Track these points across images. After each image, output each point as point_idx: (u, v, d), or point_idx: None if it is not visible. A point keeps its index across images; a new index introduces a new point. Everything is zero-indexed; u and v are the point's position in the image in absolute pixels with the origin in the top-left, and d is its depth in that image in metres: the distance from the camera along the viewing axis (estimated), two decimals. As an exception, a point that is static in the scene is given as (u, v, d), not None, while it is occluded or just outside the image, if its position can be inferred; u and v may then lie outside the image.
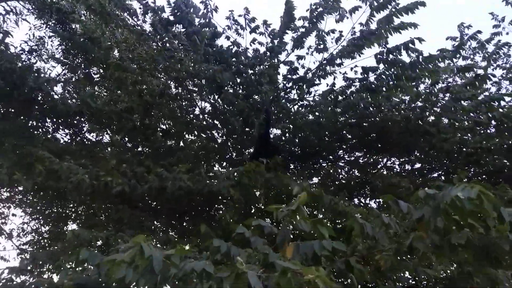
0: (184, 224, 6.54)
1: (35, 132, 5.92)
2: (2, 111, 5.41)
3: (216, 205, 6.52)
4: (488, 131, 6.09)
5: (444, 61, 5.61)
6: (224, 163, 7.63)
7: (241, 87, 6.65)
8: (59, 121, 5.91)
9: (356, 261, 2.70)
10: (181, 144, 7.16)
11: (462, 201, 1.77)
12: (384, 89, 6.19)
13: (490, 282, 2.78)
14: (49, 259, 3.61)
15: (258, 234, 2.26)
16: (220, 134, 7.50)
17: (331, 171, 7.59)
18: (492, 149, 5.90)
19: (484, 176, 6.17)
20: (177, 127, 6.63)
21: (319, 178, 7.84)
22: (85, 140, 6.43)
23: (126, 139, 6.51)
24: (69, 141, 6.30)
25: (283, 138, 7.19)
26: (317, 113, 6.90)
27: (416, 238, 2.18)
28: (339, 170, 7.59)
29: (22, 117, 5.43)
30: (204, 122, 7.16)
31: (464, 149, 6.01)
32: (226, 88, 6.26)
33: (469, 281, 3.20)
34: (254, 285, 1.53)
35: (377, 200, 6.83)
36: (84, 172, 3.91)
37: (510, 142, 6.00)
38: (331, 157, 7.62)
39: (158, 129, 6.39)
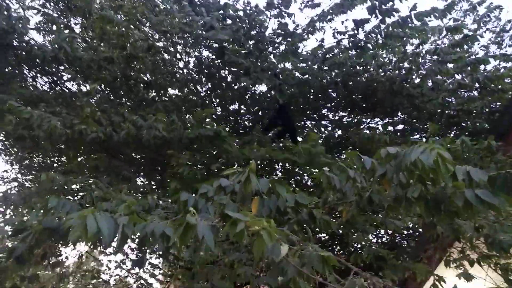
0: (168, 172, 6.58)
1: (12, 79, 5.76)
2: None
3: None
4: (471, 93, 6.10)
5: (432, 16, 5.50)
6: (208, 119, 7.60)
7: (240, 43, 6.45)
8: (37, 68, 5.74)
9: (322, 212, 2.77)
10: (166, 96, 7.08)
11: (422, 162, 1.80)
12: (372, 46, 6.11)
13: (453, 231, 2.87)
14: (21, 201, 3.61)
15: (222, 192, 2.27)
16: (204, 89, 7.41)
17: (315, 129, 7.61)
18: (473, 112, 5.96)
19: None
20: (160, 80, 6.51)
21: (303, 136, 7.88)
22: (64, 89, 6.29)
23: (108, 90, 6.40)
24: (48, 89, 6.15)
25: (269, 95, 7.13)
26: (304, 69, 6.81)
27: (375, 191, 2.23)
28: (322, 129, 7.60)
29: (-3, 63, 5.26)
30: (189, 76, 7.04)
31: (446, 111, 6.04)
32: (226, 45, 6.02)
33: (433, 231, 3.31)
34: (204, 235, 1.54)
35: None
36: (57, 120, 3.83)
37: (492, 105, 6.05)
38: (315, 115, 7.63)
39: (139, 80, 6.25)
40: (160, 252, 4.73)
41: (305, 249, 1.86)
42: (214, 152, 5.86)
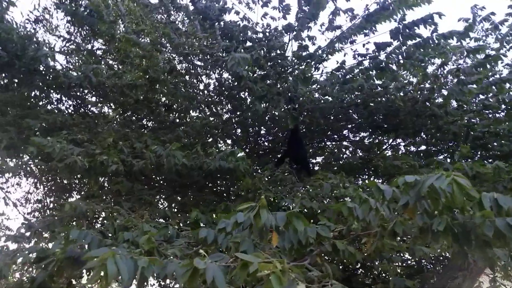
0: (189, 196, 6.58)
1: (39, 102, 5.93)
2: (5, 82, 5.40)
3: (218, 180, 6.54)
4: (497, 115, 5.94)
5: (453, 38, 5.44)
6: (229, 140, 7.63)
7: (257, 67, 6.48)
8: (62, 92, 5.90)
9: (347, 243, 2.69)
10: (187, 119, 7.14)
11: (437, 188, 1.73)
12: (393, 67, 6.06)
13: (488, 260, 2.73)
14: (45, 228, 3.66)
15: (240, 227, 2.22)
16: (225, 110, 7.45)
17: (335, 150, 7.53)
18: (500, 133, 5.79)
19: (490, 160, 6.06)
20: (181, 103, 6.59)
21: (323, 157, 7.81)
22: (88, 112, 6.43)
23: (129, 112, 6.50)
24: (72, 112, 6.30)
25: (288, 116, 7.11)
26: (325, 90, 6.78)
27: (397, 223, 2.16)
28: (344, 150, 7.52)
29: (25, 88, 5.43)
30: (209, 98, 7.10)
31: (472, 133, 5.89)
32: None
33: (464, 259, 3.16)
34: (214, 277, 1.50)
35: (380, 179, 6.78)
36: (78, 152, 3.89)
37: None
38: (336, 136, 7.56)
39: (161, 102, 6.35)
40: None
41: (324, 286, 1.80)
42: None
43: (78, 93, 6.15)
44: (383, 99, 6.14)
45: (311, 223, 2.40)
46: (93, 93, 5.70)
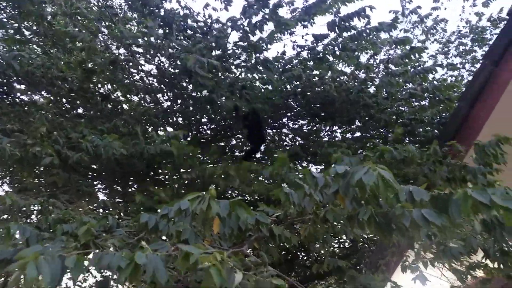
0: (130, 186, 6.45)
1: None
2: None
3: (160, 169, 6.48)
4: (422, 103, 6.43)
5: (383, 31, 5.79)
6: (170, 129, 7.55)
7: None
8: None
9: (284, 228, 2.85)
10: (124, 107, 6.94)
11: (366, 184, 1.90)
12: (330, 58, 6.32)
13: (408, 238, 3.03)
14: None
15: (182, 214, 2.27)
16: (165, 98, 7.34)
17: (276, 137, 7.75)
18: (425, 120, 6.27)
19: (417, 145, 6.55)
20: (119, 90, 6.38)
21: (264, 144, 8.00)
22: (17, 100, 6.02)
23: (63, 100, 6.20)
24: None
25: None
26: (265, 80, 6.91)
27: (329, 211, 2.34)
28: (284, 137, 7.75)
29: None
30: (149, 86, 6.95)
31: (400, 120, 6.33)
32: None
33: (389, 238, 3.49)
34: (155, 270, 1.54)
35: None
36: (8, 142, 3.65)
37: (443, 114, 6.39)
38: (276, 124, 7.76)
39: (97, 92, 6.11)
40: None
41: (260, 273, 1.91)
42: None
43: (4, 80, 5.74)
44: (320, 88, 6.39)
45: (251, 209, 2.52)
46: (21, 81, 5.33)
